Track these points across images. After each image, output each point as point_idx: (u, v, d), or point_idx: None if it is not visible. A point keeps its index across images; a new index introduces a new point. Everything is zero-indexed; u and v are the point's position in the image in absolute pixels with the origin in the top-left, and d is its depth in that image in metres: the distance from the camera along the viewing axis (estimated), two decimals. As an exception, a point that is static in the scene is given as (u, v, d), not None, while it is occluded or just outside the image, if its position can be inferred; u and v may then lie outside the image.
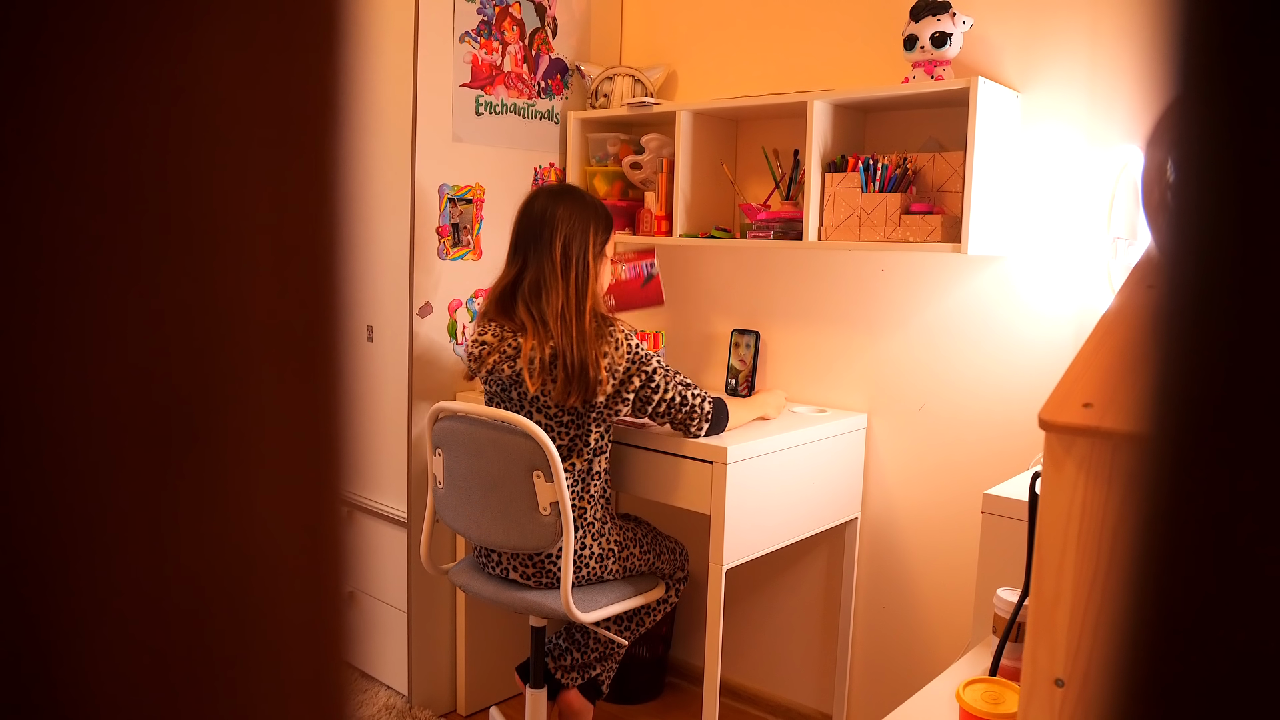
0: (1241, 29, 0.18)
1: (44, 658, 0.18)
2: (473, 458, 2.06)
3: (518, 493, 2.01)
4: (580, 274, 2.07)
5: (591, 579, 2.10)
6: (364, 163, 0.22)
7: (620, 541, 2.15)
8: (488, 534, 2.08)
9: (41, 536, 0.18)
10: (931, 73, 2.13)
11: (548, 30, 2.72)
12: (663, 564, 2.26)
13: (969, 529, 2.29)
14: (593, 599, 2.08)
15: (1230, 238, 0.19)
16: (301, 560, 0.22)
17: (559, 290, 2.04)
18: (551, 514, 1.99)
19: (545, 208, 2.10)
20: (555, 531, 2.00)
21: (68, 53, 0.17)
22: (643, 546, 2.20)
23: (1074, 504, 0.71)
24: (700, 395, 2.12)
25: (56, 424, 0.18)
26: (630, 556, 2.17)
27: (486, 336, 2.13)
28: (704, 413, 2.11)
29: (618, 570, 2.15)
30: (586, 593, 2.08)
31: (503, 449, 2.01)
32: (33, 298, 0.17)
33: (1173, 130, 0.20)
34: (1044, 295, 2.18)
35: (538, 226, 2.08)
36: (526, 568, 2.10)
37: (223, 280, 0.20)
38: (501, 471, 2.03)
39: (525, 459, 1.98)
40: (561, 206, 2.10)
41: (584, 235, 2.09)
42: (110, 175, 0.18)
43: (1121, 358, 0.73)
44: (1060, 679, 0.73)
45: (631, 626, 2.28)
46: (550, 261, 2.06)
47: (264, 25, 0.20)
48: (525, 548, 2.05)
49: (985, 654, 1.42)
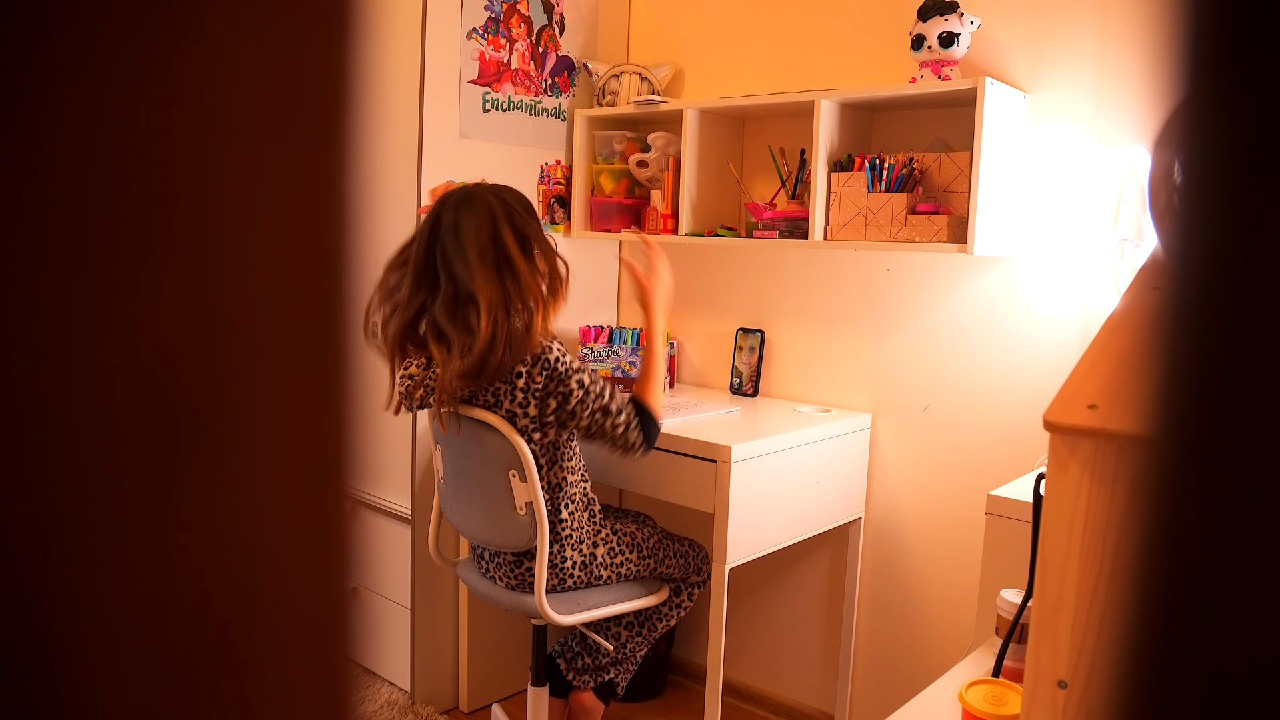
0: (1249, 31, 0.18)
1: (49, 656, 0.18)
2: (462, 454, 2.05)
3: (498, 491, 1.99)
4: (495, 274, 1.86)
5: (578, 585, 2.07)
6: (371, 159, 0.22)
7: (614, 548, 2.11)
8: (476, 530, 2.07)
9: (47, 535, 0.18)
10: (939, 73, 2.13)
11: (555, 27, 2.72)
12: (669, 569, 2.20)
13: (973, 530, 2.29)
14: (576, 601, 2.05)
15: (1237, 241, 0.19)
16: (305, 557, 0.22)
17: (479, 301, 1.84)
18: (527, 514, 1.96)
19: (450, 222, 1.90)
20: (530, 532, 1.97)
21: (74, 45, 0.17)
22: (641, 552, 2.14)
23: (1078, 506, 0.71)
24: (621, 422, 1.96)
25: (63, 423, 0.18)
26: (625, 563, 2.12)
27: (412, 369, 2.04)
28: (633, 440, 1.98)
29: (610, 577, 2.11)
30: (571, 596, 2.06)
31: (483, 446, 1.99)
32: (38, 296, 0.17)
33: (1180, 132, 0.19)
34: (1050, 296, 2.18)
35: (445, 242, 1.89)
36: (510, 577, 2.07)
37: (229, 277, 0.20)
38: (483, 469, 2.01)
39: (502, 458, 1.96)
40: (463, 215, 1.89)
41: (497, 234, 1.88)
42: (116, 171, 0.18)
43: (1127, 360, 0.72)
44: (1063, 681, 0.73)
45: (643, 631, 2.24)
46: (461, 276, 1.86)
47: (272, 20, 0.20)
48: (506, 546, 2.03)
49: (988, 655, 1.42)
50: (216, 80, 0.19)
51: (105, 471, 0.18)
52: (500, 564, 2.09)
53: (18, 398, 0.17)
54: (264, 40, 0.20)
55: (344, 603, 0.23)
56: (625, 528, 2.17)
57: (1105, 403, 0.70)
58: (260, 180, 0.20)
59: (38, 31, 0.17)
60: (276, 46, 0.20)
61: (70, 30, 0.17)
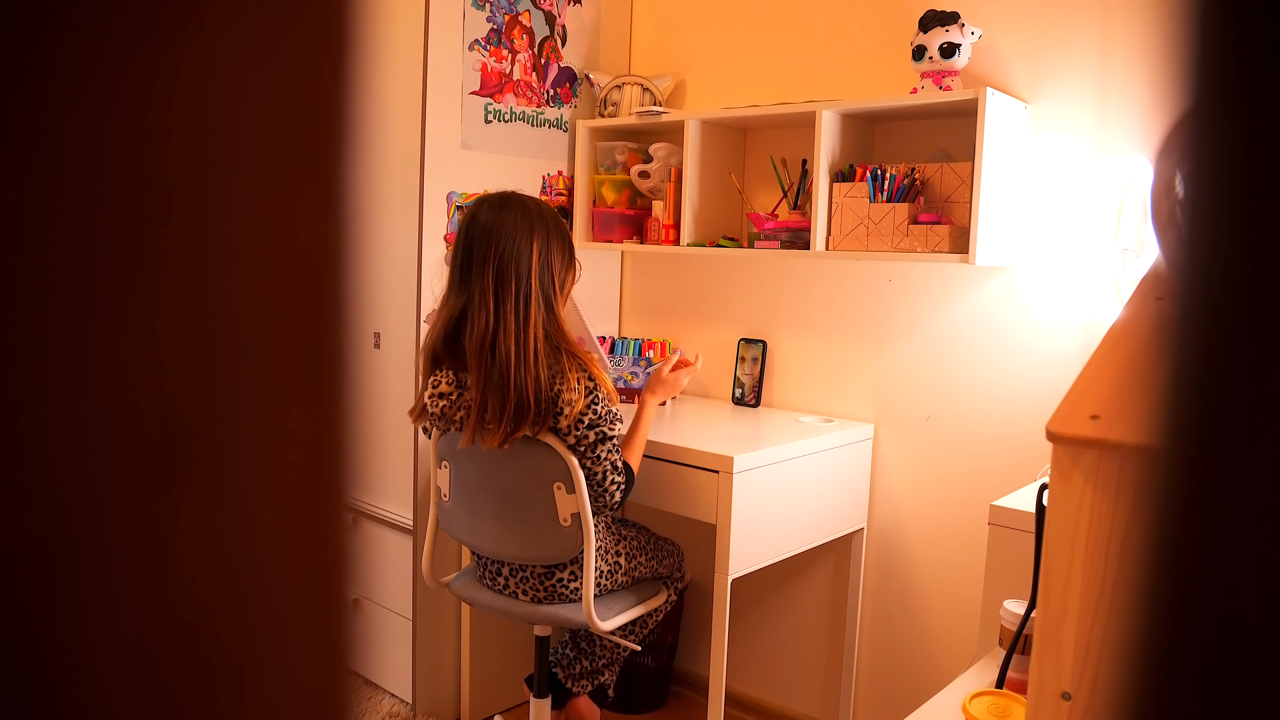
0: (1254, 42, 0.18)
1: (49, 667, 0.18)
2: (489, 469, 2.03)
3: (536, 504, 1.98)
4: (523, 300, 1.85)
5: (603, 592, 2.10)
6: (373, 170, 0.22)
7: (628, 553, 2.15)
8: (503, 545, 2.05)
9: (46, 548, 0.18)
10: (940, 83, 2.13)
11: (557, 39, 2.73)
12: (664, 568, 2.27)
13: (976, 540, 2.29)
14: (606, 608, 2.08)
15: (1241, 252, 0.19)
16: (305, 568, 0.22)
17: (504, 323, 1.84)
18: (572, 525, 1.97)
19: (488, 221, 1.89)
20: (573, 543, 1.98)
21: (68, 56, 0.17)
22: (647, 554, 2.20)
23: (1081, 516, 0.71)
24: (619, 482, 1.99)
25: (61, 436, 0.18)
26: (638, 566, 2.17)
27: (442, 386, 1.99)
28: (614, 502, 2.00)
29: (626, 581, 2.16)
30: (599, 603, 2.09)
31: (518, 460, 1.98)
32: (36, 309, 0.17)
33: (1183, 144, 0.19)
34: (1052, 306, 2.18)
35: (480, 245, 1.88)
36: (539, 590, 2.06)
37: (227, 289, 0.20)
38: (518, 484, 2.00)
39: (547, 470, 1.95)
40: (504, 217, 1.89)
41: (529, 251, 1.87)
42: (113, 183, 0.18)
43: (1129, 370, 0.72)
44: (1067, 692, 0.73)
45: (637, 630, 2.28)
46: (488, 286, 1.85)
47: (273, 31, 0.20)
48: (542, 559, 2.02)
49: (991, 666, 1.41)
50: (214, 92, 0.19)
51: (103, 484, 0.18)
52: (526, 578, 2.07)
53: (15, 411, 0.17)
54: (263, 52, 0.20)
55: (344, 614, 0.23)
56: (630, 533, 2.21)
57: (1108, 413, 0.70)
58: (259, 192, 0.20)
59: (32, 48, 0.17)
60: (276, 58, 0.20)
61: (64, 44, 0.17)
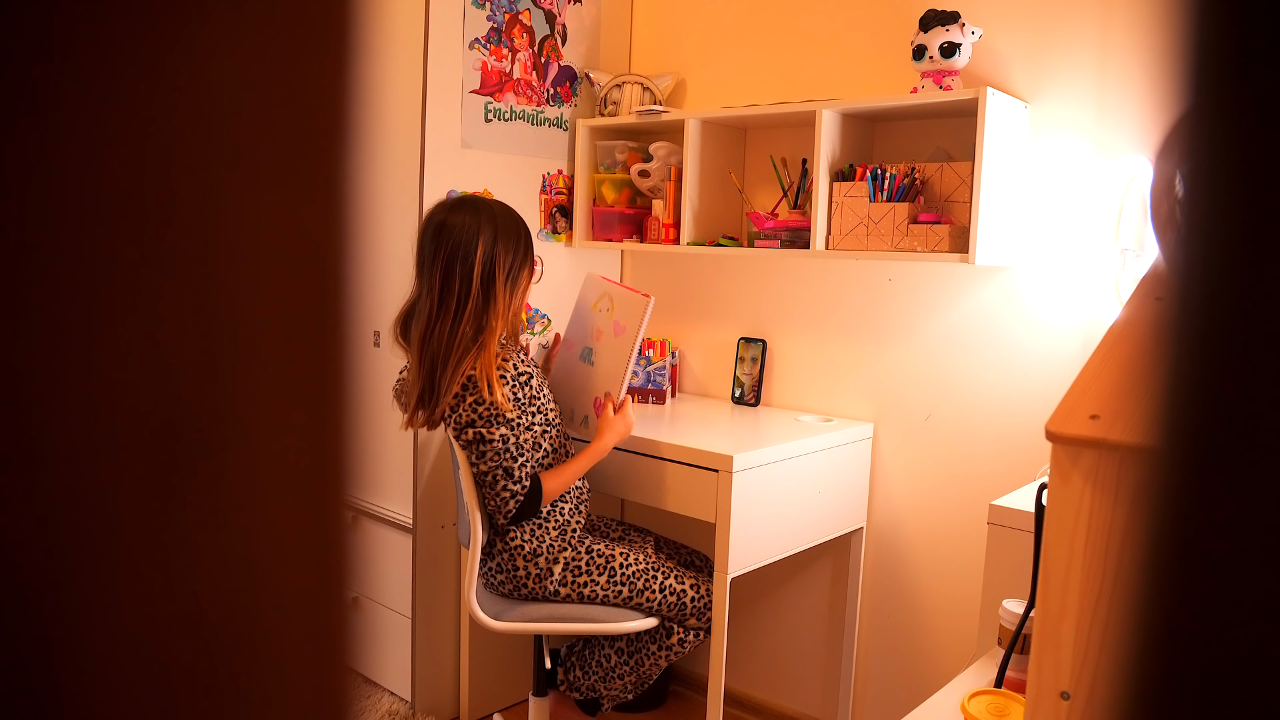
0: (1253, 42, 0.18)
1: (50, 666, 0.18)
2: None
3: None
4: (464, 294, 1.91)
5: (533, 596, 2.10)
6: (372, 168, 0.22)
7: (579, 569, 2.09)
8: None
9: (48, 547, 0.18)
10: (940, 83, 2.13)
11: (557, 38, 2.73)
12: (652, 603, 2.12)
13: (975, 540, 2.29)
14: (522, 611, 2.10)
15: (1240, 252, 0.19)
16: (305, 567, 0.22)
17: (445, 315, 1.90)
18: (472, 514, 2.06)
19: (440, 221, 1.94)
20: (469, 531, 2.07)
21: (69, 56, 0.17)
22: (614, 578, 2.09)
23: (1080, 516, 0.71)
24: (514, 491, 1.97)
25: (63, 436, 0.18)
26: (590, 584, 2.09)
27: (404, 372, 2.08)
28: (507, 510, 1.99)
29: (571, 595, 2.09)
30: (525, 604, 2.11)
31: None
32: (38, 308, 0.17)
33: (1182, 143, 0.19)
34: (1051, 306, 2.18)
35: (431, 244, 1.94)
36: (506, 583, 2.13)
37: (228, 288, 0.20)
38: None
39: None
40: (455, 218, 1.94)
41: (475, 248, 1.92)
42: (115, 182, 0.18)
43: (1129, 370, 0.72)
44: (1066, 692, 0.73)
45: (630, 662, 2.21)
46: (435, 284, 1.91)
47: (274, 30, 0.20)
48: (462, 539, 2.14)
49: (990, 666, 1.41)
50: (215, 91, 0.19)
51: (104, 483, 0.18)
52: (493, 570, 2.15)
53: (17, 410, 0.17)
54: (264, 51, 0.20)
55: (344, 612, 0.23)
56: (607, 550, 2.13)
57: (1108, 413, 0.70)
58: (261, 191, 0.20)
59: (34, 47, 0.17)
60: (277, 57, 0.20)
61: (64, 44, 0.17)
